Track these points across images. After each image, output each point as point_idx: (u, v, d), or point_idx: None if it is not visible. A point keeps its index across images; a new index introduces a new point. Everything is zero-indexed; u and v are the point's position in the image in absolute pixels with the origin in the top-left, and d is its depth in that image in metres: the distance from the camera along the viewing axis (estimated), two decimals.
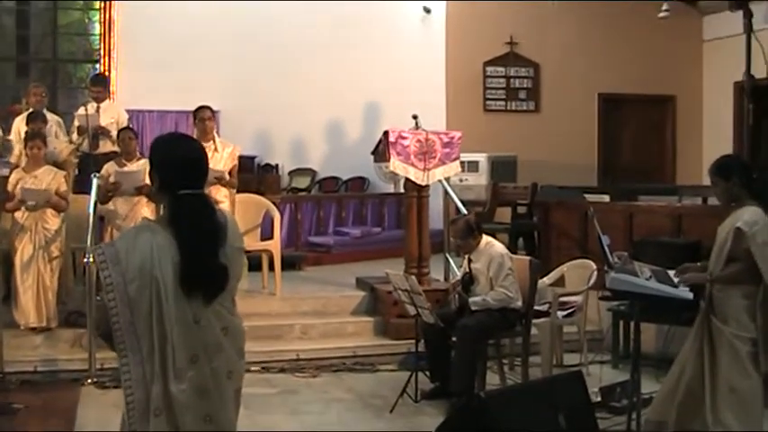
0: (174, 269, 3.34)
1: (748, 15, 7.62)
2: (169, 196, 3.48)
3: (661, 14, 14.43)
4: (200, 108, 9.28)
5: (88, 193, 8.71)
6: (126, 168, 8.94)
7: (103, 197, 8.75)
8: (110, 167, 9.01)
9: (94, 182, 8.64)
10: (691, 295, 5.70)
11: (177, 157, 3.53)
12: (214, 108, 9.67)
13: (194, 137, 8.84)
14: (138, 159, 9.05)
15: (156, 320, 3.33)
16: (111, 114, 10.60)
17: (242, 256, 3.76)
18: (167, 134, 3.83)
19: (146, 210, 8.79)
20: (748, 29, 7.62)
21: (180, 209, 3.44)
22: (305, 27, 13.76)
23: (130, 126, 10.40)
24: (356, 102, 14.02)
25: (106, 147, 10.26)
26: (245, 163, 12.45)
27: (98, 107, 10.49)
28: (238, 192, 9.71)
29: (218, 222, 3.49)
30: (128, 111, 11.34)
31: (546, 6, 14.87)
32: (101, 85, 10.98)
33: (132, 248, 3.37)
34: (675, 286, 5.75)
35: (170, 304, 3.33)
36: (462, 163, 10.00)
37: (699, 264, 5.99)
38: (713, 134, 15.26)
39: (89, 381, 7.83)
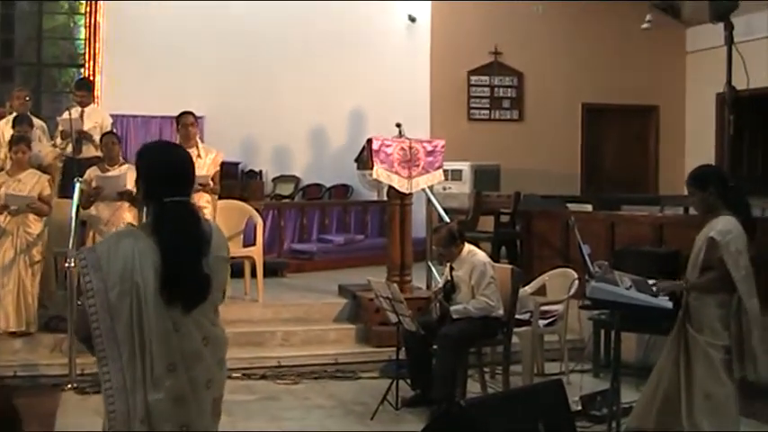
0: (156, 276, 3.32)
1: (729, 28, 7.68)
2: (154, 203, 3.47)
3: (644, 26, 14.54)
4: (183, 114, 9.28)
5: (71, 197, 8.68)
6: (108, 173, 8.92)
7: (86, 202, 8.73)
8: (92, 172, 8.97)
9: (77, 186, 8.61)
10: (670, 304, 5.73)
11: (164, 164, 3.53)
12: (198, 114, 9.68)
13: (177, 142, 8.93)
14: (121, 164, 9.01)
15: (137, 327, 3.31)
16: (95, 119, 10.57)
17: (226, 265, 3.74)
18: (154, 142, 3.83)
19: (128, 215, 8.76)
20: (729, 41, 7.68)
21: (164, 216, 3.43)
22: (290, 34, 13.78)
23: (114, 131, 10.37)
24: (340, 109, 14.04)
25: (89, 151, 10.23)
26: (229, 169, 12.45)
27: (82, 111, 10.46)
28: (221, 198, 9.70)
29: (203, 231, 3.47)
30: (112, 115, 11.32)
31: (530, 16, 14.93)
32: (85, 89, 10.95)
33: (114, 254, 3.35)
34: (655, 295, 5.78)
35: (150, 311, 3.31)
36: (446, 171, 10.03)
37: (678, 280, 6.03)
38: (695, 144, 15.32)
39: (69, 386, 7.80)
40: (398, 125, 9.46)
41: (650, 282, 5.91)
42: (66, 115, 10.24)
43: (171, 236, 3.39)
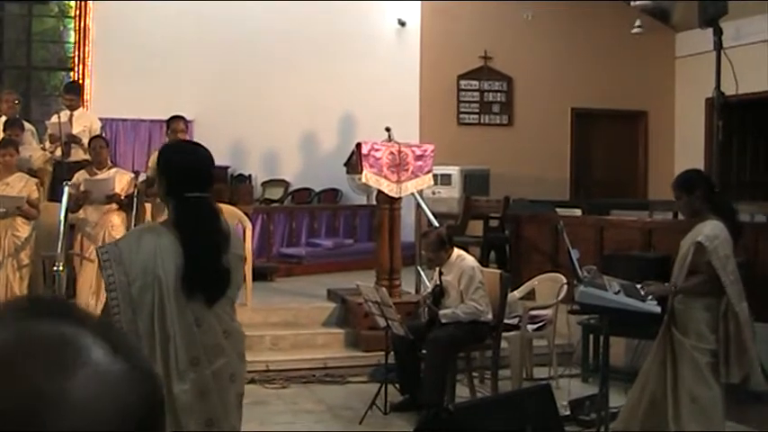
0: (177, 271, 3.42)
1: (718, 33, 7.68)
2: (175, 199, 3.58)
3: (634, 31, 14.60)
4: (174, 119, 9.22)
5: (59, 200, 8.66)
6: (97, 177, 8.90)
7: (74, 205, 8.70)
8: (80, 176, 8.96)
9: (65, 190, 8.59)
10: (658, 309, 5.75)
11: (185, 162, 3.63)
12: (188, 117, 9.66)
13: None
14: (110, 168, 9.00)
15: (159, 321, 3.38)
16: (84, 122, 10.55)
17: (243, 264, 3.86)
18: (176, 141, 3.98)
19: (116, 218, 8.75)
20: (718, 46, 7.69)
21: (186, 211, 3.54)
22: (280, 38, 13.76)
23: (102, 135, 10.36)
24: (330, 114, 14.01)
25: (78, 155, 10.21)
26: (218, 173, 12.39)
27: (71, 115, 10.45)
28: None
29: (222, 227, 3.56)
30: (102, 119, 11.30)
31: (520, 21, 14.97)
32: (74, 93, 10.92)
33: (136, 249, 3.45)
34: (644, 300, 5.79)
35: (171, 305, 3.40)
36: (435, 176, 10.04)
37: (666, 283, 6.04)
38: (685, 150, 15.35)
39: None
40: (388, 129, 9.46)
41: (638, 286, 5.93)
42: (54, 119, 10.23)
43: (193, 230, 3.50)
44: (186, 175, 3.59)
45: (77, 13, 13.60)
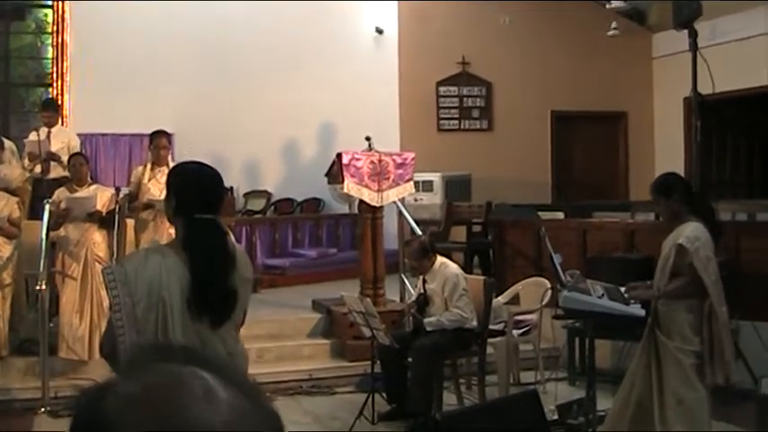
0: (183, 292, 3.42)
1: (693, 35, 7.71)
2: (183, 220, 3.57)
3: (610, 33, 14.64)
4: (157, 134, 9.00)
5: (40, 218, 8.61)
6: (77, 194, 8.84)
7: (54, 223, 8.64)
8: (60, 193, 8.87)
9: (46, 208, 8.54)
10: (642, 312, 5.76)
11: (194, 182, 3.64)
12: (169, 131, 9.59)
13: (149, 161, 8.90)
14: (90, 185, 8.94)
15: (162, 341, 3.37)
16: (62, 139, 10.50)
17: (250, 286, 3.85)
18: (189, 162, 3.94)
19: (97, 235, 8.69)
20: (693, 48, 7.72)
21: (194, 232, 3.53)
22: (259, 49, 13.75)
23: (82, 152, 10.31)
24: (310, 123, 14.01)
25: (57, 172, 10.16)
26: None
27: (49, 132, 10.40)
28: None
29: (230, 249, 3.58)
30: (81, 134, 11.27)
31: (497, 26, 14.98)
32: (51, 109, 10.88)
33: (141, 269, 3.44)
34: (627, 303, 5.81)
35: (176, 326, 3.39)
36: (417, 182, 10.04)
37: (648, 282, 6.06)
38: (665, 150, 15.40)
39: (42, 409, 7.72)
40: (368, 138, 9.45)
41: (622, 289, 5.95)
42: (33, 136, 10.19)
43: (200, 252, 3.49)
44: (194, 195, 3.58)
45: (55, 28, 13.57)
